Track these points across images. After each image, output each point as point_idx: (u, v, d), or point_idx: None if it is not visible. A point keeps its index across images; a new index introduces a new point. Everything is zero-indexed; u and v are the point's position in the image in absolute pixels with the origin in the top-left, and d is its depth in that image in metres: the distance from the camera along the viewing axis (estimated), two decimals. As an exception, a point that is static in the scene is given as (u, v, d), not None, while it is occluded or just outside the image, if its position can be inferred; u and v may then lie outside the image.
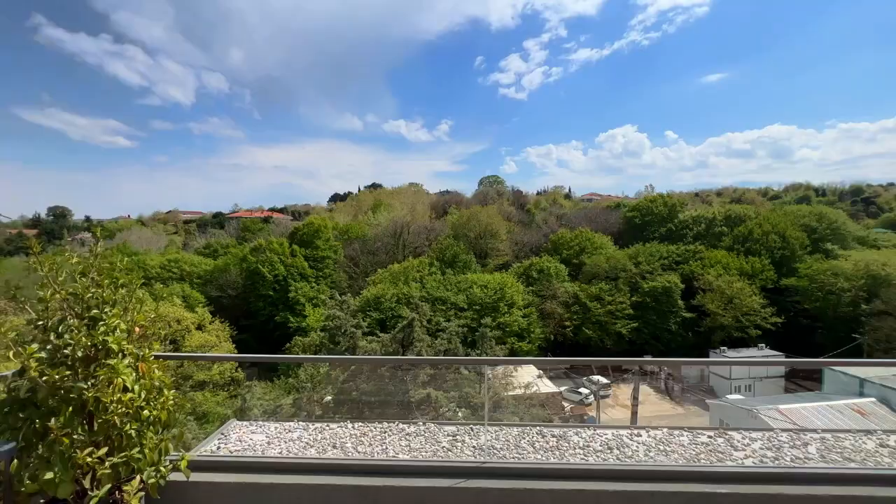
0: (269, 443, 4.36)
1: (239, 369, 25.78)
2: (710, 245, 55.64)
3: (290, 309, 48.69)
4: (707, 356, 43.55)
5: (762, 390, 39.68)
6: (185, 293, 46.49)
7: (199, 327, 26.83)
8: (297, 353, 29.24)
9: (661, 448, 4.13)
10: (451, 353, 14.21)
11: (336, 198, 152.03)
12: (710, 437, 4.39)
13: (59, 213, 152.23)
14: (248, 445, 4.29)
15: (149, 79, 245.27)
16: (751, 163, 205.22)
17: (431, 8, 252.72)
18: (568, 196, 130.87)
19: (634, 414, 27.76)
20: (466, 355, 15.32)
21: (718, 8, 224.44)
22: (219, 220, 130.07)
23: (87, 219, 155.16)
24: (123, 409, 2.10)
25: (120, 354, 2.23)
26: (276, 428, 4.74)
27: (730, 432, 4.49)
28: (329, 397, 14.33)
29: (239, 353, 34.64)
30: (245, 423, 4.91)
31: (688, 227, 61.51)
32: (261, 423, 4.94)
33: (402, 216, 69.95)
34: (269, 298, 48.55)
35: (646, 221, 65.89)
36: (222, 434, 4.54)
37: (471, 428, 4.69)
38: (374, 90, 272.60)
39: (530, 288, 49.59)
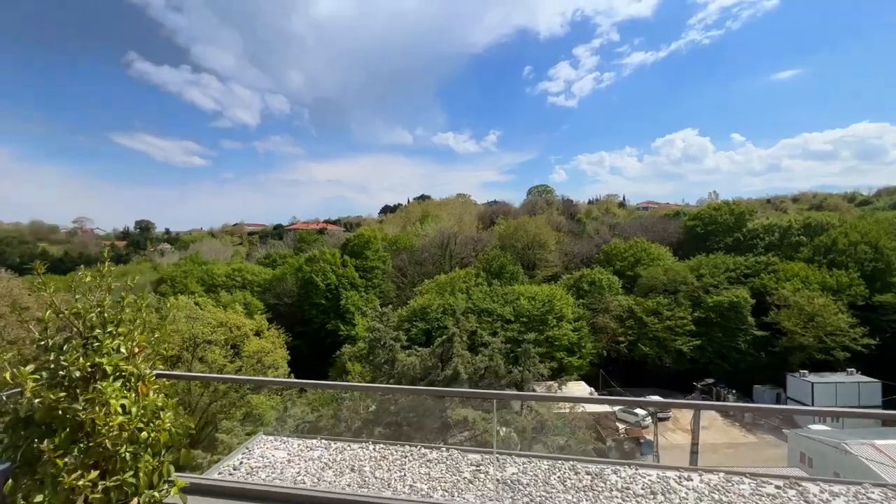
0: (289, 460, 4.31)
1: (291, 375, 26.87)
2: (785, 257, 50.42)
3: (341, 317, 50.33)
4: (784, 379, 39.19)
5: (854, 421, 34.88)
6: (247, 300, 49.60)
7: (258, 333, 28.34)
8: (345, 361, 29.97)
9: (716, 498, 3.55)
10: (493, 370, 13.69)
11: (386, 209, 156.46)
12: (778, 487, 3.72)
13: (144, 227, 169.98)
14: (269, 462, 4.27)
15: (221, 103, 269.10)
16: (832, 165, 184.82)
17: (479, 22, 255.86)
18: (622, 204, 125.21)
19: (694, 454, 24.67)
20: (508, 373, 14.68)
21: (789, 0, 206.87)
22: (278, 231, 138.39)
23: (167, 231, 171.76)
24: (116, 431, 2.08)
25: (113, 376, 2.23)
26: (298, 445, 4.70)
27: (804, 483, 3.78)
28: (373, 407, 14.33)
29: (292, 359, 35.97)
30: (271, 437, 4.92)
31: (758, 236, 56.25)
32: (285, 438, 4.94)
33: (449, 227, 70.36)
34: (321, 307, 50.51)
35: (709, 231, 61.17)
36: (247, 449, 4.57)
37: (497, 457, 4.35)
38: (424, 104, 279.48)
39: (581, 301, 47.59)
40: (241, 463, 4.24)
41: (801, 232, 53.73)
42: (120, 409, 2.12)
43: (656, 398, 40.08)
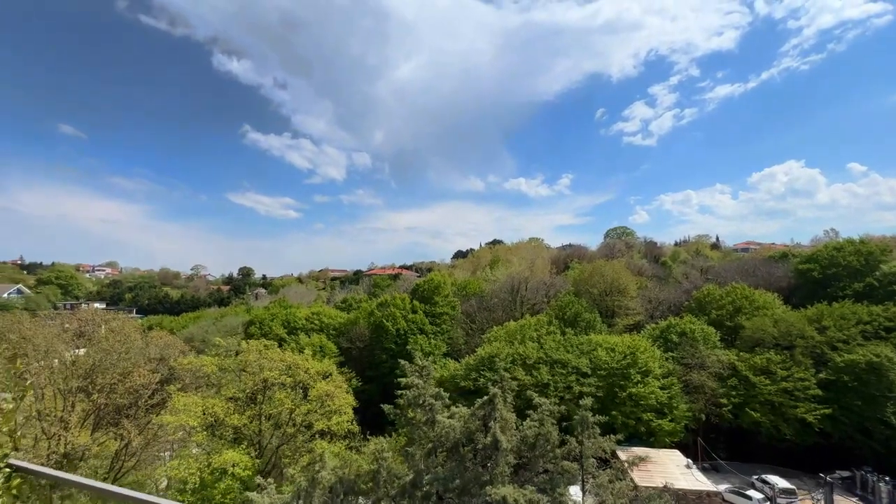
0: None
1: (354, 422, 26.71)
2: (941, 306, 40.70)
3: (409, 362, 50.15)
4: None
5: None
6: (322, 343, 51.88)
7: (326, 377, 28.99)
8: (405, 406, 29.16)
9: None
10: (543, 438, 11.83)
11: (459, 254, 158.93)
12: None
13: (245, 273, 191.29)
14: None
15: (313, 162, 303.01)
16: None
17: (549, 70, 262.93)
18: (715, 246, 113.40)
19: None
20: (562, 443, 12.53)
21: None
22: (357, 276, 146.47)
23: (264, 277, 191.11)
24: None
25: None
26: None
27: None
28: (409, 477, 12.93)
29: (361, 404, 35.97)
30: None
31: (899, 281, 46.40)
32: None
33: (519, 272, 68.62)
34: (391, 351, 50.94)
35: (829, 275, 51.97)
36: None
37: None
38: (495, 152, 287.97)
39: (670, 354, 42.29)
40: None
41: (962, 276, 43.31)
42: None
43: (776, 478, 33.04)
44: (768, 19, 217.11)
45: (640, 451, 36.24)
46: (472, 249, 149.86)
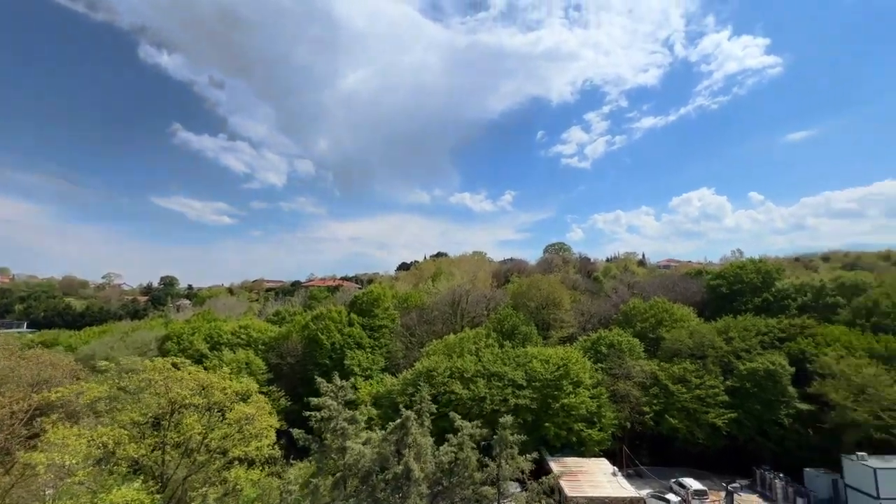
0: None
1: (276, 446, 24.62)
2: (821, 319, 46.53)
3: (345, 379, 47.90)
4: (838, 462, 34.05)
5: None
6: (248, 359, 48.10)
7: (247, 397, 26.57)
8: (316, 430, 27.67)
9: None
10: (462, 463, 11.39)
11: (403, 267, 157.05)
12: None
13: (168, 282, 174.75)
14: None
15: (252, 167, 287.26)
16: (861, 224, 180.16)
17: (494, 90, 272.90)
18: (642, 263, 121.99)
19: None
20: (483, 466, 12.13)
21: (793, 66, 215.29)
22: (295, 288, 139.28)
23: (190, 287, 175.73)
24: None
25: None
26: None
27: None
28: None
29: (289, 426, 33.42)
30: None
31: (789, 296, 52.61)
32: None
33: (461, 284, 68.93)
34: (325, 367, 48.31)
35: (734, 290, 57.77)
36: None
37: None
38: (441, 167, 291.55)
39: (599, 365, 44.24)
40: None
41: (836, 292, 50.01)
42: None
43: (690, 481, 35.33)
44: (685, 61, 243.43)
45: (570, 460, 37.24)
46: (416, 262, 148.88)
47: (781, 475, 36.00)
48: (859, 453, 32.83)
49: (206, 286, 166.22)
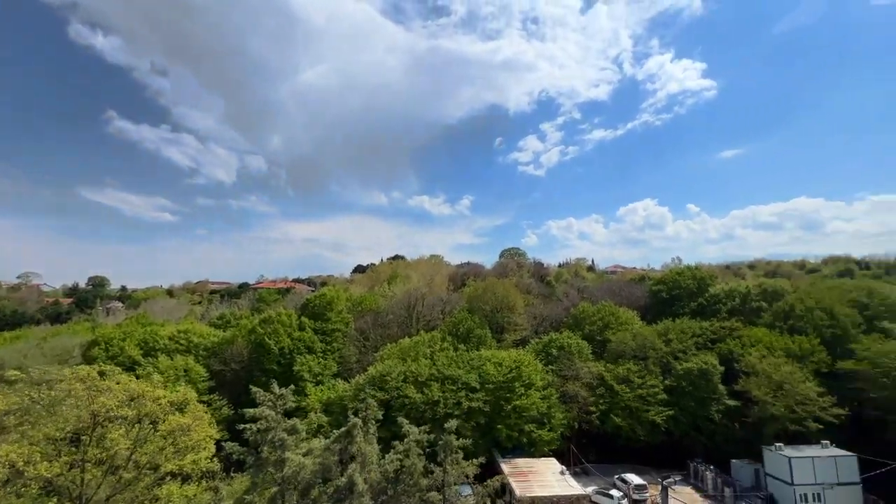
0: None
1: (215, 459, 23.08)
2: (747, 322, 50.83)
3: (294, 385, 46.01)
4: (759, 453, 37.23)
5: (836, 501, 32.87)
6: (188, 366, 45.01)
7: (182, 407, 24.75)
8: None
9: None
10: (407, 471, 11.24)
11: (359, 269, 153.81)
12: None
13: (97, 283, 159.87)
14: None
15: (197, 161, 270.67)
16: (780, 235, 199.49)
17: (454, 96, 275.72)
18: (591, 268, 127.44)
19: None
20: (428, 472, 12.07)
21: (726, 90, 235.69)
22: (243, 290, 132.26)
23: (123, 288, 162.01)
24: None
25: None
26: None
27: None
28: None
29: (231, 436, 31.60)
30: None
31: (720, 301, 56.98)
32: None
33: (417, 288, 68.58)
34: (272, 373, 46.15)
35: (673, 295, 61.80)
36: None
37: None
38: (400, 169, 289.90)
39: (550, 367, 45.57)
40: None
41: (760, 297, 54.83)
42: None
43: (632, 476, 37.17)
44: (633, 79, 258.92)
45: (521, 461, 38.00)
46: (373, 264, 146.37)
47: (712, 467, 38.79)
48: (777, 444, 36.10)
49: (144, 287, 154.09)
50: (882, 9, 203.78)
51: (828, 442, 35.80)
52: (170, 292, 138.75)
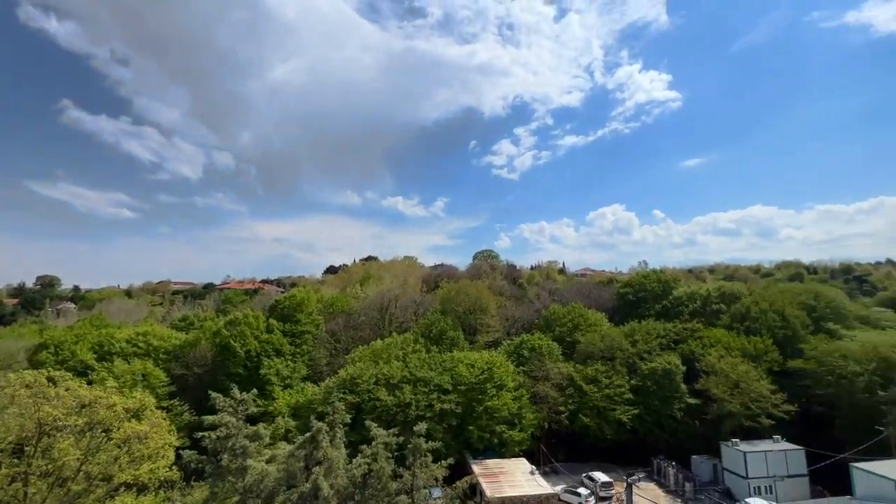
0: None
1: (174, 468, 22.02)
2: (707, 323, 53.20)
3: (260, 390, 44.62)
4: (718, 448, 39.04)
5: (786, 492, 34.84)
6: (146, 370, 42.87)
7: (138, 413, 23.50)
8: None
9: None
10: (375, 475, 11.10)
11: (331, 270, 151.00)
12: None
13: (47, 283, 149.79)
14: None
15: (160, 156, 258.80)
16: (738, 241, 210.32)
17: (429, 97, 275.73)
18: (562, 271, 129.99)
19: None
20: (397, 476, 11.98)
21: (689, 102, 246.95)
22: (207, 290, 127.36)
23: (76, 289, 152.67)
24: None
25: None
26: None
27: None
28: None
29: (190, 447, 30.30)
30: None
31: (683, 303, 59.42)
32: None
33: (390, 289, 68.01)
34: (238, 377, 44.53)
35: (640, 298, 63.98)
36: None
37: None
38: (374, 169, 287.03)
39: (521, 368, 46.16)
40: None
41: (719, 300, 57.52)
42: None
43: (599, 474, 38.13)
44: (603, 88, 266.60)
45: (492, 462, 38.25)
46: (345, 265, 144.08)
47: (674, 463, 40.31)
48: (733, 440, 37.95)
49: (99, 288, 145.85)
50: (829, 31, 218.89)
51: (779, 437, 37.94)
52: (128, 293, 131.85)
